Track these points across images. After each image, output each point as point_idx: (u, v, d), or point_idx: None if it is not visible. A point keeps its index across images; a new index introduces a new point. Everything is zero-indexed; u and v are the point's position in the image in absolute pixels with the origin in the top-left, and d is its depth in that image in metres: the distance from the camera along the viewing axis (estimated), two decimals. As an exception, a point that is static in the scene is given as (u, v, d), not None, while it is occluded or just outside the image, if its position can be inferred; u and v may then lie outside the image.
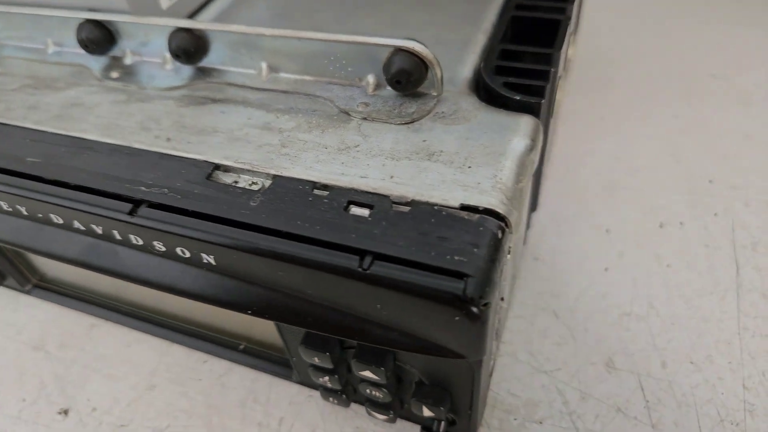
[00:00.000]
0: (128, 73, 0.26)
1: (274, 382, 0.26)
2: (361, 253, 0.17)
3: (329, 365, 0.20)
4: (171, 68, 0.26)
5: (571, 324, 0.27)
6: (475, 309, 0.16)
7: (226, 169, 0.21)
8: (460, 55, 0.25)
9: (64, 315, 0.31)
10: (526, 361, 0.26)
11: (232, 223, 0.18)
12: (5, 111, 0.25)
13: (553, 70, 0.23)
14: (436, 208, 0.18)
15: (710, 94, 0.41)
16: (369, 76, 0.23)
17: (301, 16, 0.29)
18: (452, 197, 0.18)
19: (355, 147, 0.21)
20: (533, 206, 0.32)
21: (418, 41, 0.21)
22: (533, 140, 0.20)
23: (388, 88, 0.22)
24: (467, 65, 0.24)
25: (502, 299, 0.21)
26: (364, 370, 0.20)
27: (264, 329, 0.26)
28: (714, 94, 0.41)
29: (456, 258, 0.16)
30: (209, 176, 0.20)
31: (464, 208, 0.18)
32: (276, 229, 0.18)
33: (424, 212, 0.18)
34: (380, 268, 0.16)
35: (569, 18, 0.26)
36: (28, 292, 0.31)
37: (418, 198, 0.18)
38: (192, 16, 0.29)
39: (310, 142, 0.21)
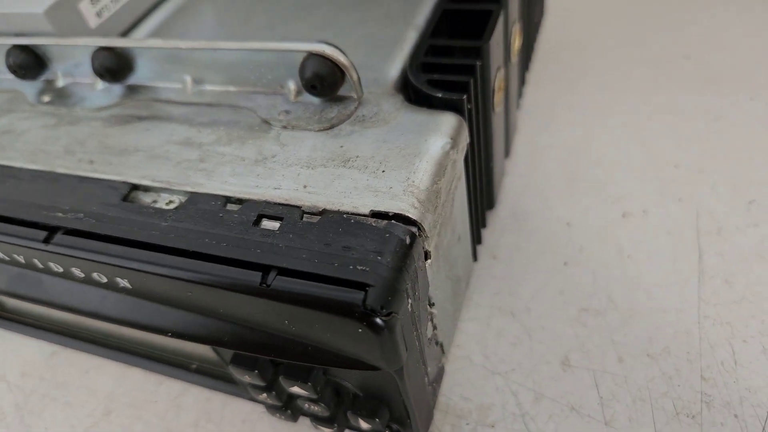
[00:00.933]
0: (60, 96, 0.26)
1: (227, 401, 0.26)
2: (265, 269, 0.16)
3: (261, 383, 0.20)
4: (101, 88, 0.26)
5: (528, 323, 0.26)
6: (378, 320, 0.15)
7: (146, 189, 0.21)
8: (389, 53, 0.24)
9: (24, 344, 0.31)
10: (481, 364, 0.25)
11: (140, 246, 0.18)
12: (-62, 143, 0.25)
13: (479, 63, 0.22)
14: (345, 216, 0.17)
15: (682, 76, 0.40)
16: (289, 82, 0.22)
17: (237, 24, 0.29)
18: (362, 204, 0.18)
19: (273, 157, 0.20)
20: (489, 204, 0.31)
21: (330, 44, 0.20)
22: (453, 138, 0.20)
23: (303, 92, 0.22)
24: (395, 64, 0.24)
25: (432, 305, 0.20)
26: (292, 386, 0.19)
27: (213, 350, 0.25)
28: (686, 76, 0.39)
29: (358, 268, 0.15)
30: (126, 197, 0.20)
31: (374, 214, 0.17)
32: (181, 249, 0.17)
33: (332, 222, 0.17)
34: (282, 283, 0.16)
35: (501, 7, 0.25)
36: (-18, 322, 0.31)
37: (329, 207, 0.18)
38: (126, 33, 0.29)
39: (229, 155, 0.21)
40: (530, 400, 0.23)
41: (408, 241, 0.16)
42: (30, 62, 0.26)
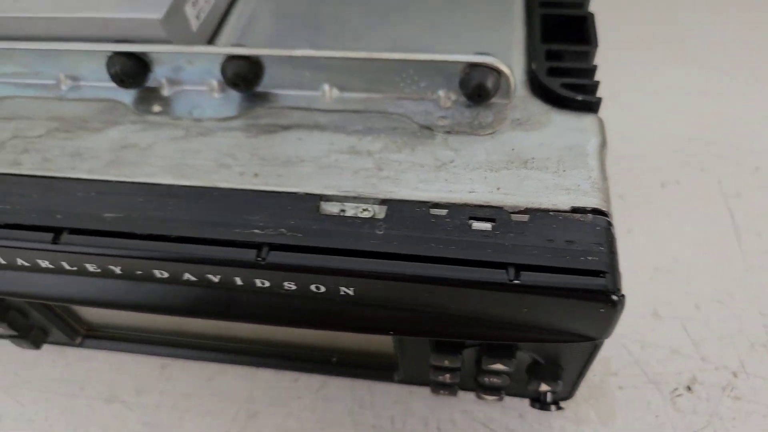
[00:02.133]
0: (171, 105, 0.25)
1: (373, 386, 0.27)
2: (504, 266, 0.18)
3: (458, 365, 0.22)
4: (220, 96, 0.25)
5: (613, 285, 0.31)
6: (615, 298, 0.18)
7: (328, 199, 0.21)
8: (508, 58, 0.26)
9: (125, 361, 0.30)
10: (586, 324, 0.29)
11: (367, 255, 0.19)
12: (45, 162, 0.23)
13: (595, 66, 0.25)
14: (551, 214, 0.20)
15: (670, 57, 0.46)
16: (441, 90, 0.24)
17: (331, 25, 0.29)
18: (560, 202, 0.20)
19: (451, 162, 0.22)
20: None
21: (491, 55, 0.22)
22: (604, 137, 0.23)
23: (458, 99, 0.24)
24: (517, 68, 0.26)
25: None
26: (494, 364, 0.22)
27: (360, 340, 0.27)
28: (671, 58, 0.46)
29: (589, 258, 0.18)
30: (318, 209, 0.21)
31: (575, 210, 0.20)
32: (415, 255, 0.19)
33: (542, 219, 0.20)
34: (529, 278, 0.18)
35: (593, 14, 0.28)
36: (78, 345, 0.30)
37: (530, 206, 0.20)
38: (215, 33, 0.28)
39: (405, 162, 0.22)
40: (638, 349, 0.28)
41: (612, 231, 0.20)
42: (138, 70, 0.24)
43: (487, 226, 0.20)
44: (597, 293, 0.18)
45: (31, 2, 0.25)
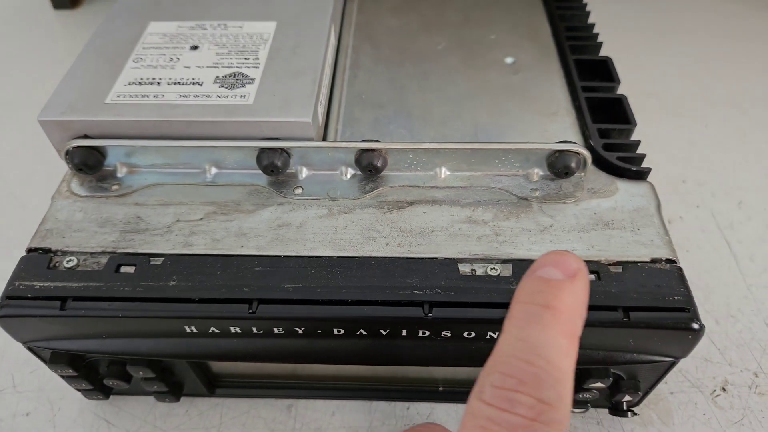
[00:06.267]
0: (308, 188, 0.30)
1: (474, 410, 0.33)
2: (616, 309, 0.25)
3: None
4: (349, 178, 0.30)
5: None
6: (697, 327, 0.25)
7: (461, 261, 0.27)
8: (567, 137, 0.33)
9: (253, 405, 0.33)
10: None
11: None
12: (215, 242, 0.28)
13: (639, 141, 0.33)
14: (638, 264, 0.26)
15: (650, 111, 0.55)
16: (533, 168, 0.30)
17: (418, 112, 0.35)
18: (642, 254, 0.27)
19: (551, 227, 0.28)
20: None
21: (576, 143, 0.29)
22: (658, 199, 0.30)
23: (544, 174, 0.30)
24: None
25: (657, 310, 0.30)
26: (596, 383, 0.28)
27: (462, 371, 0.32)
28: (653, 111, 0.55)
29: (675, 298, 0.25)
30: (458, 270, 0.26)
31: (653, 261, 0.27)
32: (548, 304, 0.25)
33: (632, 269, 0.26)
34: (635, 316, 0.24)
35: (626, 96, 0.35)
36: (209, 396, 0.33)
37: (620, 259, 0.27)
38: (326, 125, 0.33)
39: (515, 228, 0.28)
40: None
41: (684, 274, 0.26)
42: (286, 162, 0.29)
43: (592, 277, 0.26)
44: (685, 324, 0.24)
45: (191, 109, 0.29)
